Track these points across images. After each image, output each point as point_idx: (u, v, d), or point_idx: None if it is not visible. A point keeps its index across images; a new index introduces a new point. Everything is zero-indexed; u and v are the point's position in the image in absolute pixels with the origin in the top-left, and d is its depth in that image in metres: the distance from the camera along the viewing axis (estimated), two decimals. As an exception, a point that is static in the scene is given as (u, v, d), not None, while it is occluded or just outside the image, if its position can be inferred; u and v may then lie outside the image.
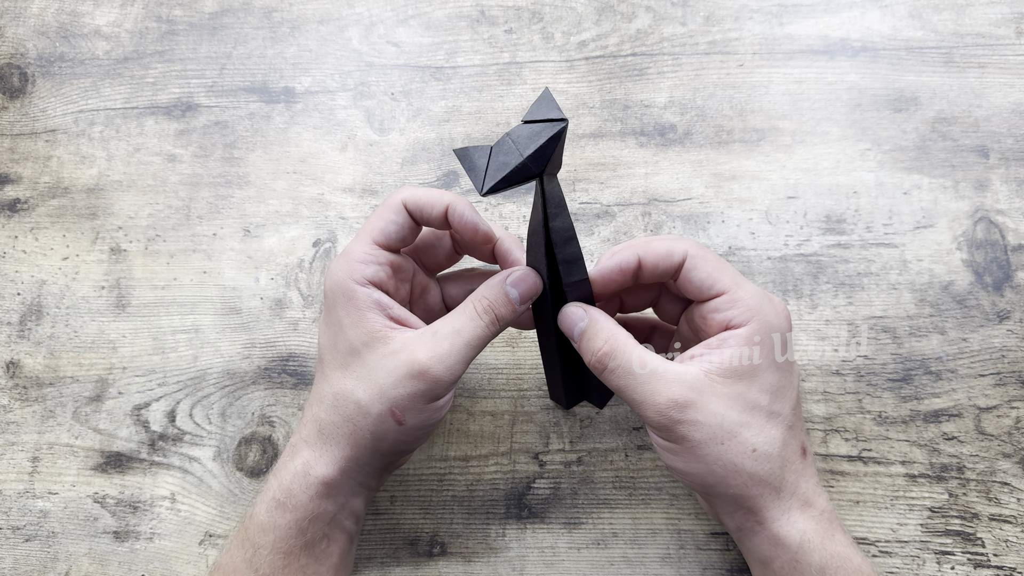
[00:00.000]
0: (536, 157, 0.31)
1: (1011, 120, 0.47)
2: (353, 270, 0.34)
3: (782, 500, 0.32)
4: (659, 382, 0.32)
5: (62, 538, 0.43)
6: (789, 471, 0.32)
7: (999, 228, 0.45)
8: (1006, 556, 0.40)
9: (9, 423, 0.45)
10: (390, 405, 0.33)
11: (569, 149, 0.48)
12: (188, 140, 0.50)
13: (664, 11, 0.50)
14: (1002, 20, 0.49)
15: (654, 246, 0.34)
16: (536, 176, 0.32)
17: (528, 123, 0.32)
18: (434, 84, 0.50)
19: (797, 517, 0.32)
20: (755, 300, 0.33)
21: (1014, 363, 0.43)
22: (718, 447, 0.31)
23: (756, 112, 0.48)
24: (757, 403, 0.32)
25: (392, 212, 0.35)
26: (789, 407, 0.32)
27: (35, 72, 0.52)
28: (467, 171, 0.32)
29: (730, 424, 0.31)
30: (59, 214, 0.49)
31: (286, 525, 0.34)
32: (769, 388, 0.32)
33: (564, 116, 0.32)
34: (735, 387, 0.31)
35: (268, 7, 0.52)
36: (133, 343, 0.46)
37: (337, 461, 0.34)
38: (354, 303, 0.34)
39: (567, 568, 0.41)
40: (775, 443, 0.32)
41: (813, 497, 0.32)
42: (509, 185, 0.32)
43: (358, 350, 0.34)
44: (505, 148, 0.32)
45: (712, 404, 0.31)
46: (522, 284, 0.34)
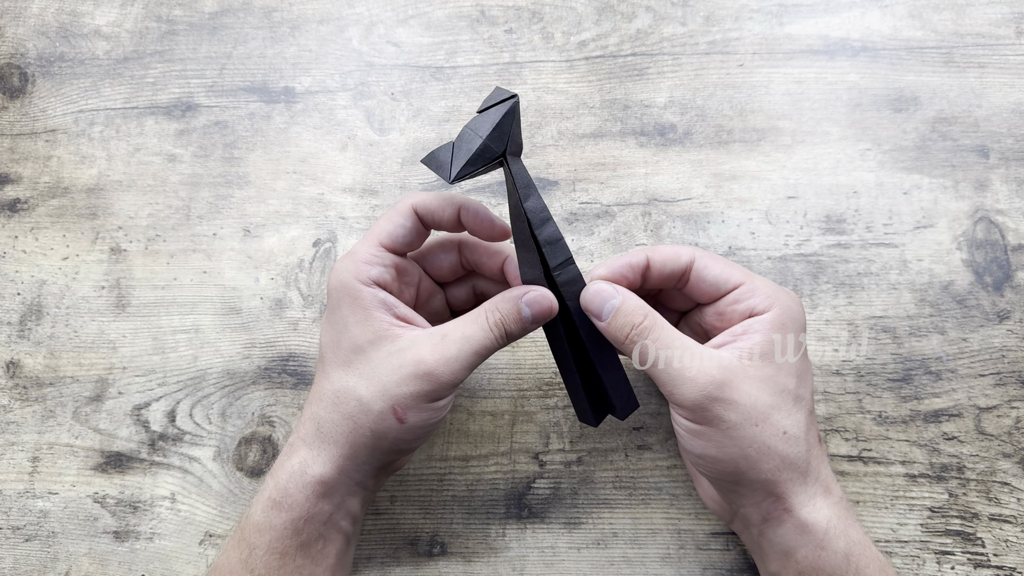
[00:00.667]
0: (495, 136, 0.32)
1: (1011, 120, 0.47)
2: (359, 270, 0.35)
3: (808, 485, 0.33)
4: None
5: (62, 538, 0.43)
6: (813, 456, 0.33)
7: (999, 228, 0.45)
8: (1006, 556, 0.40)
9: (9, 423, 0.45)
10: (392, 403, 0.33)
11: (569, 149, 0.48)
12: (188, 140, 0.50)
13: (664, 11, 0.50)
14: (1002, 20, 0.49)
15: (661, 248, 0.36)
16: (499, 156, 0.33)
17: (483, 111, 0.33)
18: (434, 84, 0.50)
19: (822, 503, 0.32)
20: (772, 287, 0.34)
21: (1014, 363, 0.43)
22: (752, 428, 0.32)
23: (756, 112, 0.48)
24: (786, 386, 0.32)
25: (401, 216, 0.36)
26: (809, 392, 0.34)
27: (35, 72, 0.52)
28: (435, 170, 0.33)
29: (763, 406, 0.32)
30: (59, 214, 0.49)
31: (282, 525, 0.34)
32: (795, 372, 0.33)
33: (514, 93, 0.33)
34: (766, 370, 0.32)
35: (268, 7, 0.52)
36: (133, 343, 0.46)
37: (335, 460, 0.34)
38: (360, 302, 0.34)
39: (567, 568, 0.41)
40: (801, 426, 0.33)
41: (831, 484, 0.33)
42: (475, 170, 0.33)
43: (363, 348, 0.34)
44: (466, 137, 0.33)
45: (747, 386, 0.32)
46: (536, 305, 0.35)
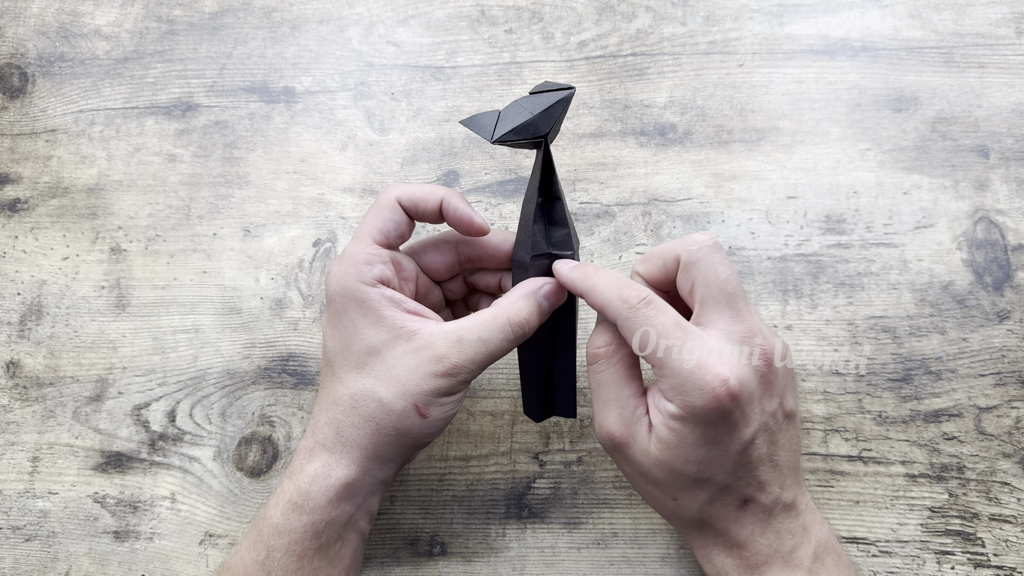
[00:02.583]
0: (544, 117, 0.34)
1: (1011, 120, 0.47)
2: (360, 272, 0.34)
3: (705, 539, 0.34)
4: (610, 410, 0.34)
5: (62, 538, 0.43)
6: (716, 521, 0.33)
7: (999, 228, 0.45)
8: (1006, 556, 0.40)
9: (9, 423, 0.45)
10: (414, 401, 0.33)
11: (569, 149, 0.48)
12: (188, 140, 0.50)
13: (664, 11, 0.50)
14: (1002, 20, 0.49)
15: (599, 292, 0.34)
16: (542, 137, 0.34)
17: (535, 93, 0.35)
18: (434, 84, 0.50)
19: (719, 554, 0.34)
20: (679, 380, 0.31)
21: (1014, 363, 0.43)
22: (643, 484, 0.34)
23: (756, 112, 0.48)
24: (682, 471, 0.32)
25: (387, 210, 0.36)
26: (723, 472, 0.32)
27: (35, 72, 0.52)
28: (476, 130, 0.35)
29: (653, 478, 0.33)
30: (59, 214, 0.49)
31: (302, 528, 0.34)
32: (696, 460, 0.32)
33: (571, 85, 0.34)
34: (665, 453, 0.32)
35: (268, 7, 0.52)
36: (133, 343, 0.46)
37: (359, 461, 0.34)
38: (368, 305, 0.34)
39: (567, 568, 0.41)
40: (697, 501, 0.33)
41: (746, 542, 0.33)
42: (517, 139, 0.34)
43: (378, 349, 0.34)
44: (514, 109, 0.35)
45: (641, 457, 0.33)
46: (553, 298, 0.36)
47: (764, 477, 0.32)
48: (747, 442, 0.31)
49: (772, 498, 0.33)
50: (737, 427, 0.31)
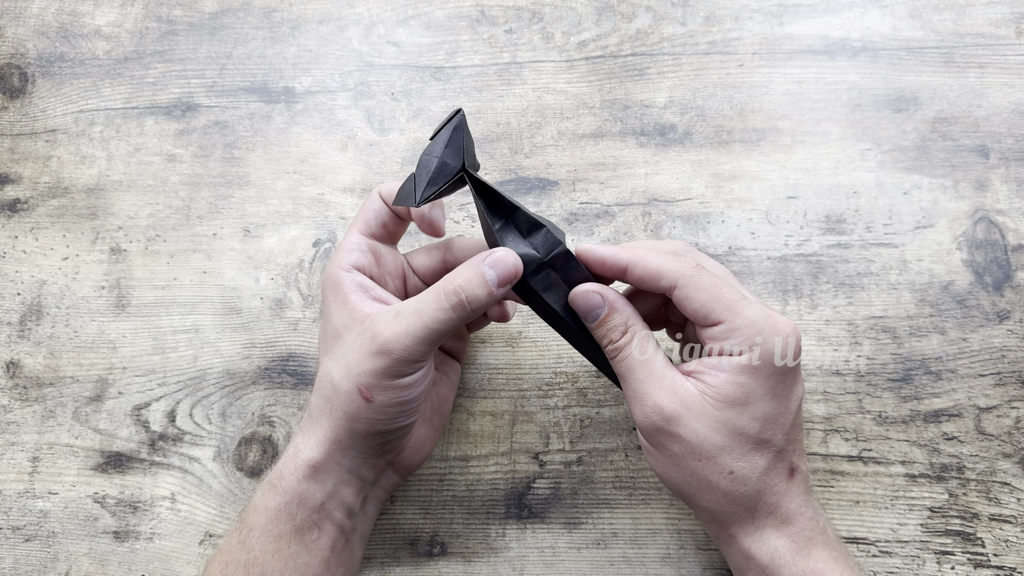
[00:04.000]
0: (450, 153, 0.34)
1: (1011, 120, 0.47)
2: (340, 259, 0.36)
3: (756, 519, 0.33)
4: (655, 387, 0.33)
5: (62, 538, 0.43)
6: (769, 494, 0.32)
7: (999, 228, 0.45)
8: (1006, 556, 0.40)
9: (9, 423, 0.45)
10: (356, 382, 0.33)
11: (569, 149, 0.48)
12: (188, 140, 0.50)
13: (664, 11, 0.50)
14: (1002, 20, 0.49)
15: (648, 262, 0.33)
16: (459, 171, 0.34)
17: (433, 137, 0.35)
18: (434, 84, 0.50)
19: (771, 535, 0.33)
20: (754, 328, 0.32)
21: (1014, 363, 0.43)
22: (695, 463, 0.32)
23: (756, 112, 0.48)
24: (745, 430, 0.32)
25: (372, 203, 0.38)
26: (781, 433, 0.32)
27: (35, 72, 0.52)
28: (402, 203, 0.35)
29: (710, 446, 0.32)
30: (59, 214, 0.49)
31: (276, 507, 0.34)
32: (761, 416, 0.32)
33: (458, 108, 0.34)
34: (726, 412, 0.31)
35: (268, 7, 0.52)
36: (133, 343, 0.46)
37: (321, 443, 0.35)
38: (340, 289, 0.35)
39: (567, 568, 0.41)
40: (756, 469, 0.32)
41: (795, 516, 0.33)
42: (439, 189, 0.34)
43: (340, 332, 0.35)
44: (423, 162, 0.35)
45: (696, 423, 0.32)
46: (500, 265, 0.33)
47: (802, 443, 0.34)
48: (800, 398, 0.33)
49: (807, 468, 0.34)
50: (797, 380, 0.32)
